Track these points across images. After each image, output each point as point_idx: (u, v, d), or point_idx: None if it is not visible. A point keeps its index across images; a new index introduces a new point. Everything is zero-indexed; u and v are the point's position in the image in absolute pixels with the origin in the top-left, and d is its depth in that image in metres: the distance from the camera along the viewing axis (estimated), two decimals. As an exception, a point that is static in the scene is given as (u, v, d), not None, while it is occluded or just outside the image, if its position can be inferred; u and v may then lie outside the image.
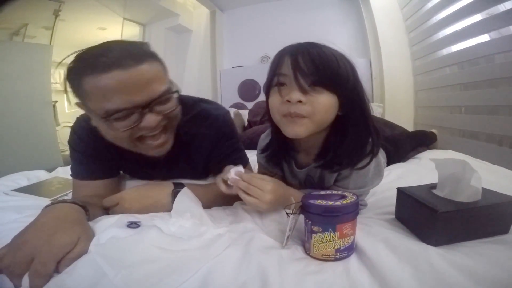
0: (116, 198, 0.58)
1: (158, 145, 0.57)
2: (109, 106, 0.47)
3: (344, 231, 0.40)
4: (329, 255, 0.41)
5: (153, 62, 0.51)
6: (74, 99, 0.51)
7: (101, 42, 0.51)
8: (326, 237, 0.40)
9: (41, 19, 2.66)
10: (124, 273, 0.36)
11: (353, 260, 0.41)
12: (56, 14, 2.64)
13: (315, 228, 0.41)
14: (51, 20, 2.68)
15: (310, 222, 0.42)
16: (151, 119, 0.51)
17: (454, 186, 0.45)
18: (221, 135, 0.68)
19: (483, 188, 0.44)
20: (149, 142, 0.56)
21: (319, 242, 0.41)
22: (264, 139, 0.72)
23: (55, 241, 0.38)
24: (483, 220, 0.43)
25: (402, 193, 0.51)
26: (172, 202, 0.57)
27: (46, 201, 0.74)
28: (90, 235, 0.43)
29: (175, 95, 0.56)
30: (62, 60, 0.51)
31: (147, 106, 0.50)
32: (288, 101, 0.49)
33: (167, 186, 0.62)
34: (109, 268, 0.36)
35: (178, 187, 0.62)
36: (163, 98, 0.52)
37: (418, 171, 0.96)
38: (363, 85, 0.54)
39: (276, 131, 0.60)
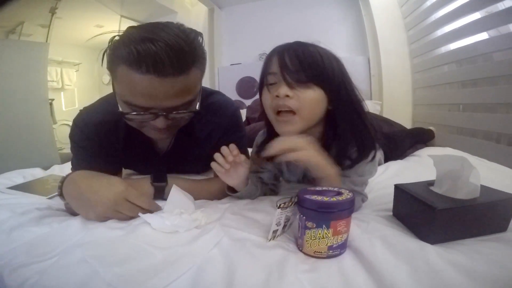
0: None
1: (160, 131, 0.57)
2: (131, 100, 0.48)
3: (338, 228, 0.40)
4: (321, 252, 0.40)
5: (196, 70, 0.50)
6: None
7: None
8: (320, 234, 0.40)
9: (37, 17, 2.63)
10: (116, 269, 0.36)
11: (348, 257, 0.40)
12: (53, 12, 2.61)
13: (309, 224, 0.40)
14: (48, 18, 2.65)
15: (304, 217, 0.41)
16: (161, 122, 0.52)
17: (452, 183, 0.44)
18: (231, 124, 0.72)
19: (481, 186, 0.43)
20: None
21: (312, 238, 0.40)
22: (260, 137, 0.72)
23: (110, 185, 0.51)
24: (482, 218, 0.42)
25: (399, 190, 0.50)
26: (153, 194, 0.63)
27: (40, 199, 0.73)
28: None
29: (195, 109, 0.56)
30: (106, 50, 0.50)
31: (166, 112, 0.51)
32: (277, 96, 0.52)
33: (146, 178, 0.66)
34: (100, 265, 0.36)
35: (157, 179, 0.65)
36: (183, 108, 0.53)
37: (416, 168, 0.96)
38: (352, 81, 0.56)
39: (271, 130, 0.61)
